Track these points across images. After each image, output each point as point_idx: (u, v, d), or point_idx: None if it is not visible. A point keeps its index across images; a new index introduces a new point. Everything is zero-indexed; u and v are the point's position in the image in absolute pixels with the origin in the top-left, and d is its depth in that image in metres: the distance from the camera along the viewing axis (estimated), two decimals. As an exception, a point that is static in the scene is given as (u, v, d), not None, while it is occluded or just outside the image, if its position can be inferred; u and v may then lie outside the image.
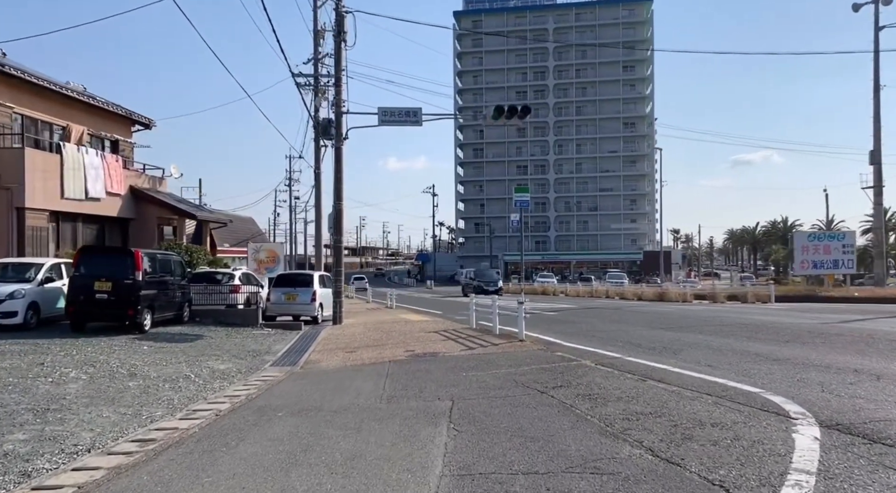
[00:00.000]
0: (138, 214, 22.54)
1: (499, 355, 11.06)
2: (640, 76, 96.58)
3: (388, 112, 18.52)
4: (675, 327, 15.08)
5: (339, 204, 18.95)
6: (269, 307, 18.97)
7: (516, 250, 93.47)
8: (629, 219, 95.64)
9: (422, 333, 15.58)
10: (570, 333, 14.46)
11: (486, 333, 14.69)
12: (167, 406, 7.62)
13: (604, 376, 8.27)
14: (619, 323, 16.86)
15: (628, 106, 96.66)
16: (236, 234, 40.61)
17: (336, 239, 18.97)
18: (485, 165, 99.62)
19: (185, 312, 16.82)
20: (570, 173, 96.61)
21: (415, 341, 13.79)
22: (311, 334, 16.21)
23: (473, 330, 15.62)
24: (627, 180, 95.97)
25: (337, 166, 18.92)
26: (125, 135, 23.58)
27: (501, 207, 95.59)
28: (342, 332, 16.56)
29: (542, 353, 10.98)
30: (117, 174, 21.23)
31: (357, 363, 11.18)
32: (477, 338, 13.80)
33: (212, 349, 12.90)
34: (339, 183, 18.96)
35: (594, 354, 10.61)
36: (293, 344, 14.18)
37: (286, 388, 8.92)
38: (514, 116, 18.93)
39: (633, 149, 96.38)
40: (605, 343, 12.08)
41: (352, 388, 8.62)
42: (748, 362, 9.06)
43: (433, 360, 10.90)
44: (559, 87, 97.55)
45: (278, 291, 19.06)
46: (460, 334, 14.91)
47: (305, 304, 18.91)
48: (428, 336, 14.71)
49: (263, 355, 12.43)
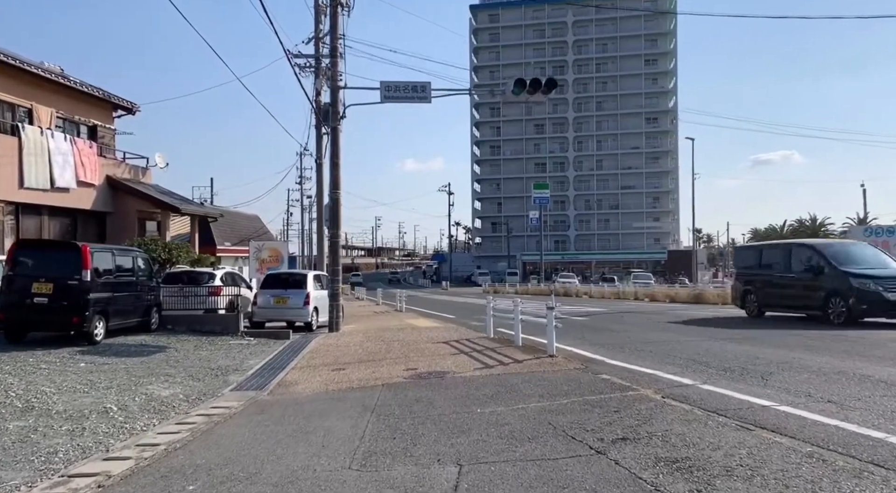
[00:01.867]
0: (117, 208, 20.25)
1: (524, 377, 8.46)
2: (663, 70, 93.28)
3: (393, 87, 16.02)
4: (740, 337, 12.36)
5: (335, 193, 16.46)
6: (256, 312, 16.54)
7: (535, 249, 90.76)
8: (652, 217, 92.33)
9: (429, 343, 13.02)
10: (610, 345, 11.81)
11: (506, 344, 12.10)
12: (34, 467, 5.13)
13: (683, 420, 5.64)
14: (665, 331, 14.16)
15: (651, 101, 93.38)
16: (240, 232, 38.35)
17: (333, 233, 16.49)
18: (502, 163, 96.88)
19: (153, 318, 14.43)
20: (591, 170, 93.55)
21: (419, 355, 11.24)
22: (299, 344, 13.72)
23: (491, 340, 13.04)
24: (650, 177, 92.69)
25: (333, 150, 16.43)
26: (105, 120, 21.31)
27: (519, 206, 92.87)
28: (336, 342, 14.05)
29: (582, 375, 8.36)
30: (91, 162, 18.94)
31: (342, 387, 8.65)
32: (495, 351, 11.20)
33: (167, 366, 10.44)
34: (336, 169, 16.47)
35: (653, 378, 7.97)
36: (272, 358, 11.69)
37: (229, 432, 6.40)
38: (537, 90, 16.39)
39: (655, 145, 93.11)
40: (660, 361, 9.43)
41: (319, 432, 6.10)
42: (882, 395, 6.39)
43: (439, 384, 8.34)
44: (579, 81, 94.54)
45: (267, 293, 16.61)
46: (475, 345, 12.33)
47: (298, 308, 16.44)
48: (436, 348, 12.14)
49: (229, 375, 9.95)
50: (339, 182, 16.54)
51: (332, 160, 16.44)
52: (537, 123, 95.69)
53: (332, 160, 16.44)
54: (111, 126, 21.68)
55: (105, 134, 21.28)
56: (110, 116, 21.79)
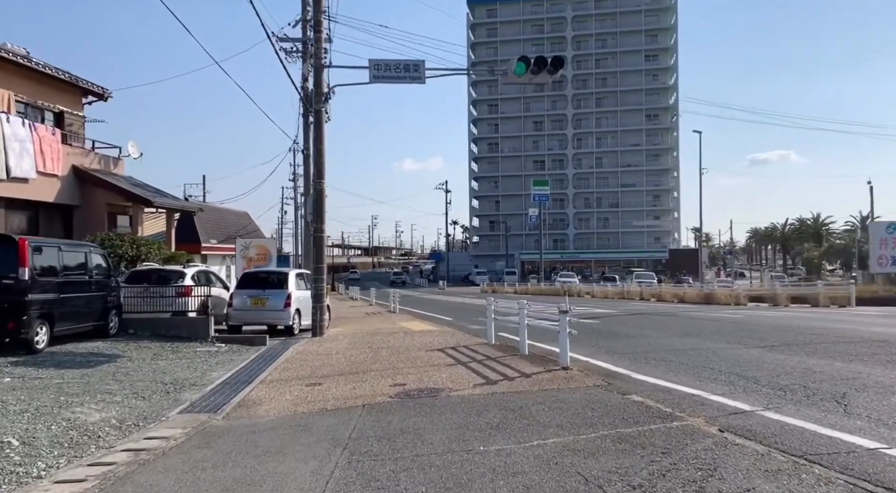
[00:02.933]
0: (85, 201, 18.63)
1: (536, 397, 6.91)
2: (664, 66, 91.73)
3: (383, 66, 14.43)
4: (781, 344, 10.79)
5: (319, 183, 14.88)
6: (231, 314, 14.95)
7: (533, 248, 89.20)
8: (652, 216, 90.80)
9: (422, 351, 11.45)
10: (630, 354, 10.25)
11: (509, 352, 10.55)
12: None
13: (765, 472, 4.09)
14: (689, 336, 12.60)
15: (651, 97, 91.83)
16: (227, 229, 36.73)
17: (316, 228, 14.90)
18: (500, 161, 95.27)
19: (111, 322, 12.84)
20: (590, 168, 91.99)
21: (410, 366, 9.67)
22: (275, 351, 12.13)
23: (492, 347, 11.48)
24: (650, 175, 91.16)
25: (317, 134, 14.85)
26: (73, 107, 19.68)
27: (518, 204, 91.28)
28: (318, 348, 12.47)
29: (608, 396, 6.81)
30: (53, 150, 17.32)
31: (313, 409, 7.10)
32: (498, 361, 9.65)
33: (112, 381, 8.85)
34: (320, 157, 14.88)
35: (697, 400, 6.42)
36: (241, 369, 10.11)
37: (149, 481, 4.81)
38: (542, 69, 14.80)
39: (656, 142, 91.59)
40: (696, 375, 7.89)
41: (268, 482, 4.54)
42: None
43: (431, 406, 6.78)
44: (578, 77, 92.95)
45: (243, 294, 15.02)
46: (475, 353, 10.77)
47: (278, 310, 14.85)
48: (430, 357, 10.58)
49: (183, 391, 8.37)
50: (324, 171, 14.95)
51: (316, 146, 14.86)
52: (536, 119, 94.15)
53: (316, 146, 14.86)
54: (80, 113, 20.05)
55: (73, 121, 19.65)
56: (79, 103, 20.16)
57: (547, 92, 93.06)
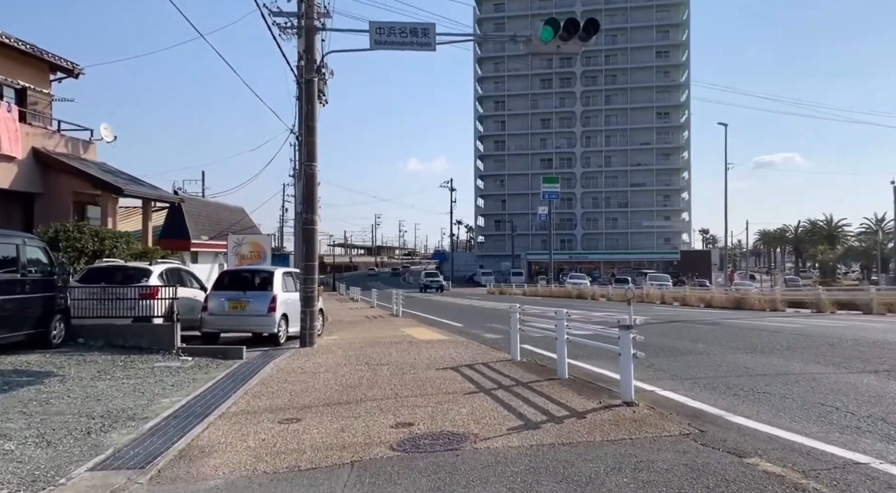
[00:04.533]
0: (48, 188, 16.42)
1: (604, 456, 4.67)
2: (675, 62, 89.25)
3: (386, 30, 12.24)
4: (887, 366, 8.51)
5: (310, 166, 12.65)
6: (206, 320, 12.73)
7: (540, 248, 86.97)
8: (662, 216, 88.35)
9: (432, 370, 9.22)
10: (703, 379, 7.98)
11: (543, 375, 8.32)
12: None
13: None
14: (761, 354, 10.32)
15: (662, 95, 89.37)
16: (220, 225, 34.49)
17: (306, 218, 12.65)
18: (506, 159, 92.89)
19: (55, 329, 10.64)
20: (599, 167, 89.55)
21: (418, 393, 7.45)
22: (252, 367, 9.90)
23: (519, 366, 9.26)
24: (661, 174, 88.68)
25: (308, 110, 12.62)
26: (39, 83, 17.49)
27: (524, 204, 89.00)
28: (304, 364, 10.23)
29: (712, 458, 4.56)
30: (9, 130, 15.11)
31: (279, 467, 4.89)
32: (532, 389, 7.41)
33: (17, 414, 6.63)
34: (311, 135, 12.66)
35: (867, 473, 4.17)
36: (201, 394, 7.88)
37: None
38: (573, 35, 12.65)
39: (667, 140, 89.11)
40: (824, 420, 5.65)
41: None
42: None
43: (452, 469, 4.55)
44: (587, 74, 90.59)
45: (220, 296, 12.80)
46: (499, 375, 8.54)
47: (260, 315, 12.63)
48: (442, 380, 8.34)
49: (112, 430, 6.15)
50: (315, 152, 12.73)
51: (307, 123, 12.63)
52: (544, 117, 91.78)
53: (307, 123, 12.63)
54: (47, 90, 17.85)
55: (38, 99, 17.45)
56: (46, 79, 17.96)
57: (556, 89, 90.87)
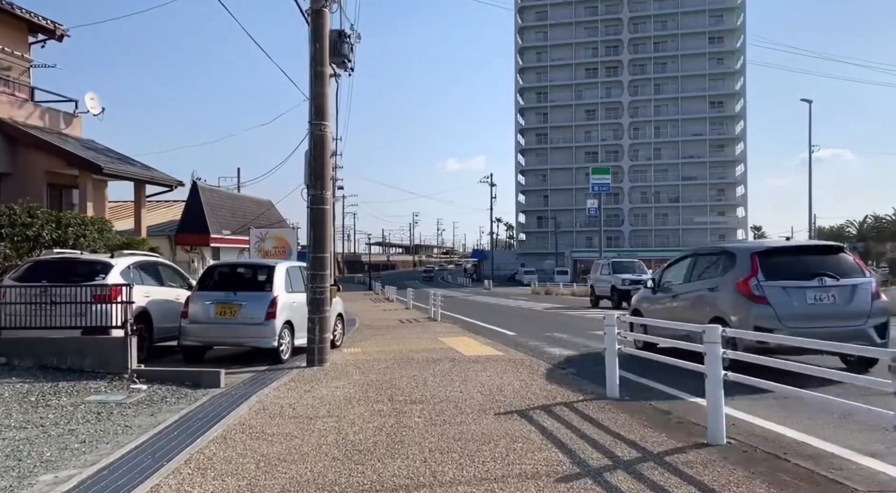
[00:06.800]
0: (17, 167, 13.70)
1: None
2: (730, 49, 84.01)
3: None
4: None
5: (320, 127, 9.52)
6: (186, 330, 9.73)
7: (584, 246, 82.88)
8: (716, 212, 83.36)
9: (489, 416, 5.97)
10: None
11: (677, 433, 5.01)
12: None
13: None
14: None
15: (715, 83, 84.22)
16: (244, 219, 31.86)
17: (314, 195, 9.49)
18: (549, 152, 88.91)
19: (-39, 344, 7.71)
20: (648, 160, 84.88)
21: (472, 472, 4.22)
22: (224, 405, 6.79)
23: (622, 410, 5.93)
24: (714, 167, 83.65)
25: (317, 48, 9.48)
26: (15, 46, 14.81)
27: (567, 199, 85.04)
28: (301, 399, 7.08)
29: None
30: (-36, 95, 12.42)
31: None
32: (676, 470, 4.06)
33: None
34: (321, 85, 9.52)
35: None
36: (115, 462, 4.80)
37: None
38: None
39: (720, 131, 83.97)
40: None
41: None
42: None
43: None
44: (635, 62, 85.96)
45: (204, 298, 9.78)
46: (600, 430, 5.26)
47: (256, 323, 9.56)
48: (508, 438, 5.09)
49: None
50: (326, 108, 9.60)
51: (315, 68, 9.48)
52: (589, 108, 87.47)
53: (315, 68, 9.48)
54: (24, 54, 15.17)
55: (12, 64, 14.77)
56: (24, 41, 15.28)
57: (601, 78, 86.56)
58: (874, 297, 7.90)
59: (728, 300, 8.18)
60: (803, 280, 7.84)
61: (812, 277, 7.85)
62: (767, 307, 7.67)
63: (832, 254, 8.39)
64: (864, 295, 7.87)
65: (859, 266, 8.31)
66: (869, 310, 7.79)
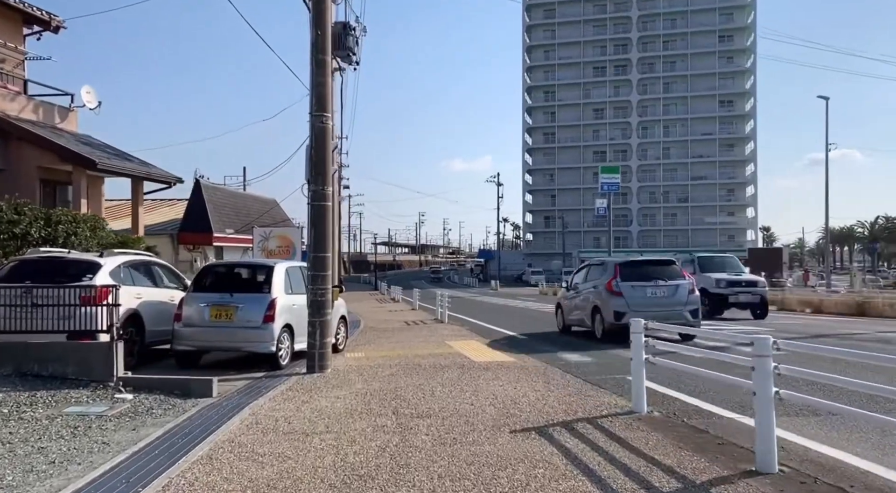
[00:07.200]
0: (7, 162, 13.19)
1: None
2: (740, 47, 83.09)
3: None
4: None
5: (321, 119, 8.95)
6: (179, 334, 9.20)
7: (592, 246, 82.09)
8: (726, 212, 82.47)
9: (504, 434, 5.40)
10: None
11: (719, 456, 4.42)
12: None
13: None
14: None
15: (725, 81, 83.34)
16: (248, 218, 31.37)
17: (315, 191, 8.92)
18: (556, 152, 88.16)
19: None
20: (657, 159, 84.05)
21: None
22: (214, 417, 6.24)
23: (653, 427, 5.33)
24: (724, 167, 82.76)
25: (318, 34, 8.92)
26: (9, 37, 14.33)
27: (575, 199, 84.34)
28: (298, 411, 6.52)
29: None
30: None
31: None
32: None
33: None
34: (323, 74, 8.96)
35: None
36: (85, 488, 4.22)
37: None
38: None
39: (730, 130, 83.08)
40: None
41: None
42: None
43: None
44: (644, 61, 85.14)
45: (198, 300, 9.24)
46: (630, 452, 4.65)
47: (253, 326, 9.02)
48: (528, 463, 4.51)
49: None
50: (328, 99, 9.04)
51: (316, 56, 8.91)
52: (597, 107, 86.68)
53: (316, 56, 8.91)
54: (19, 46, 14.67)
55: (7, 56, 14.28)
56: (18, 33, 14.79)
57: (609, 77, 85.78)
58: (690, 292, 12.38)
59: (601, 295, 12.39)
60: (645, 281, 12.25)
61: (651, 280, 12.29)
62: (622, 299, 11.96)
63: (666, 265, 12.95)
64: (683, 291, 12.31)
65: (682, 274, 12.86)
66: (686, 301, 12.26)
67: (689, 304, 12.18)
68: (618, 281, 12.04)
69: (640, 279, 12.18)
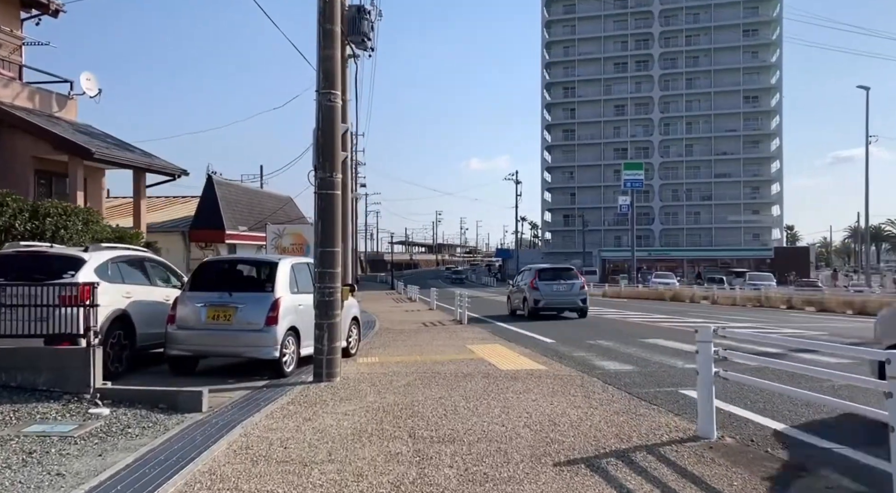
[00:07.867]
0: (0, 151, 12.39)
1: None
2: (765, 41, 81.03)
3: None
4: None
5: (329, 97, 7.97)
6: (173, 337, 8.29)
7: (613, 245, 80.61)
8: (750, 210, 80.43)
9: (547, 470, 4.38)
10: None
11: None
12: None
13: None
14: None
15: (750, 77, 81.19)
16: (261, 215, 30.62)
17: (322, 178, 7.96)
18: (576, 149, 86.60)
19: None
20: (679, 157, 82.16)
21: None
22: (199, 439, 5.28)
23: (729, 459, 4.26)
24: (748, 164, 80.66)
25: (327, 11, 7.93)
26: (6, 21, 13.57)
27: (595, 197, 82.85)
28: (298, 431, 5.55)
29: None
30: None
31: None
32: None
33: None
34: (331, 46, 7.98)
35: None
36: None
37: None
38: None
39: (755, 127, 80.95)
40: None
41: None
42: None
43: None
44: (666, 56, 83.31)
45: (195, 300, 8.31)
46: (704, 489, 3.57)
47: (254, 329, 8.08)
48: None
49: None
50: (337, 75, 8.05)
51: (323, 26, 7.93)
52: (618, 103, 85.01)
53: (323, 26, 7.93)
54: (15, 30, 13.89)
55: (3, 41, 13.50)
56: (16, 17, 14.02)
57: (631, 73, 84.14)
58: (581, 288, 19.09)
59: (526, 290, 19.10)
60: (553, 281, 18.88)
61: (556, 280, 18.97)
62: (539, 292, 18.58)
63: (568, 270, 19.61)
64: (577, 287, 19.03)
65: (578, 275, 19.74)
66: (578, 293, 18.90)
67: (580, 295, 18.95)
68: (537, 281, 18.78)
69: (550, 279, 18.92)
